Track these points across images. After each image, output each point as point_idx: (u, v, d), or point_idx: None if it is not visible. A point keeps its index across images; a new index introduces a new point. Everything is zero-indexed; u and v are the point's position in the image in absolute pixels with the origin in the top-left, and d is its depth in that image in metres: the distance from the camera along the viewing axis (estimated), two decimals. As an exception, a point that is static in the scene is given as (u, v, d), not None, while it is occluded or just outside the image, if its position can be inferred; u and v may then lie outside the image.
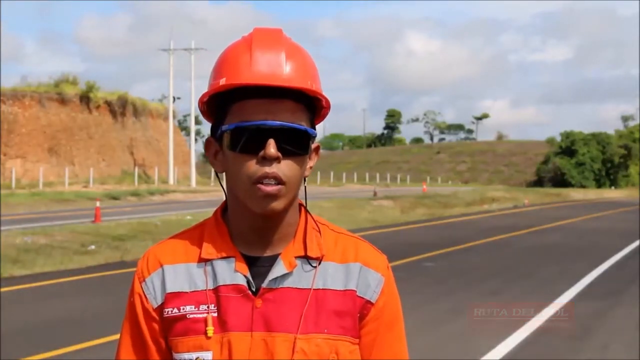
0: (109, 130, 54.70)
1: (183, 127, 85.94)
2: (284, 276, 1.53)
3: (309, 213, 1.61)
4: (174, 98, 59.63)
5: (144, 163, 57.82)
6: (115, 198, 36.79)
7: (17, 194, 36.06)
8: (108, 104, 54.72)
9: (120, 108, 56.06)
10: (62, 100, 50.34)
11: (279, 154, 1.47)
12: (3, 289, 10.66)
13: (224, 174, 1.58)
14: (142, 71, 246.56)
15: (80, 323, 8.52)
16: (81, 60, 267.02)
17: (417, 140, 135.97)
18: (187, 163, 61.33)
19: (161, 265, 1.57)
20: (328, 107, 1.58)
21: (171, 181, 55.89)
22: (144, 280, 1.58)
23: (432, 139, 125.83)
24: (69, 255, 14.32)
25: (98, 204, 22.49)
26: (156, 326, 1.56)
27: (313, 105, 1.55)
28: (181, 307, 1.53)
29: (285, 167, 1.48)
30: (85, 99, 52.38)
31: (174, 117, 61.02)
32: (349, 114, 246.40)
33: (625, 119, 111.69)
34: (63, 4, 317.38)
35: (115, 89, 57.23)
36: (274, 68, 1.49)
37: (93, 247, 15.49)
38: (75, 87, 52.16)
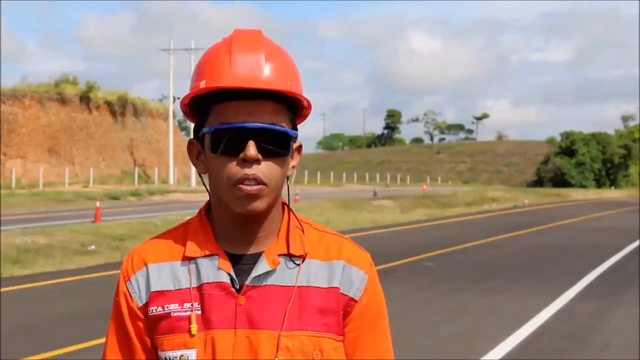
0: (109, 130, 54.74)
1: (183, 127, 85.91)
2: (267, 273, 1.53)
3: (292, 212, 1.61)
4: (174, 98, 59.54)
5: (144, 163, 57.85)
6: (115, 198, 36.79)
7: (17, 194, 36.09)
8: (108, 104, 54.77)
9: (120, 108, 56.10)
10: (62, 100, 50.38)
11: (259, 156, 1.47)
12: (3, 289, 10.65)
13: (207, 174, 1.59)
14: (143, 71, 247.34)
15: (81, 323, 8.51)
16: (82, 60, 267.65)
17: (417, 140, 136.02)
18: (187, 163, 61.29)
19: (145, 264, 1.58)
20: (309, 107, 1.58)
21: (171, 181, 55.91)
22: (128, 280, 1.59)
23: (432, 139, 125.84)
24: (69, 255, 14.32)
25: (98, 204, 22.49)
26: (141, 325, 1.57)
27: (294, 106, 1.55)
28: (165, 306, 1.54)
29: (265, 168, 1.48)
30: (85, 99, 52.43)
31: (174, 117, 61.02)
32: (349, 114, 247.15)
33: (625, 119, 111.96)
34: (64, 3, 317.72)
35: (116, 89, 57.32)
36: (254, 70, 1.49)
37: (93, 247, 15.48)
38: (75, 87, 52.24)
